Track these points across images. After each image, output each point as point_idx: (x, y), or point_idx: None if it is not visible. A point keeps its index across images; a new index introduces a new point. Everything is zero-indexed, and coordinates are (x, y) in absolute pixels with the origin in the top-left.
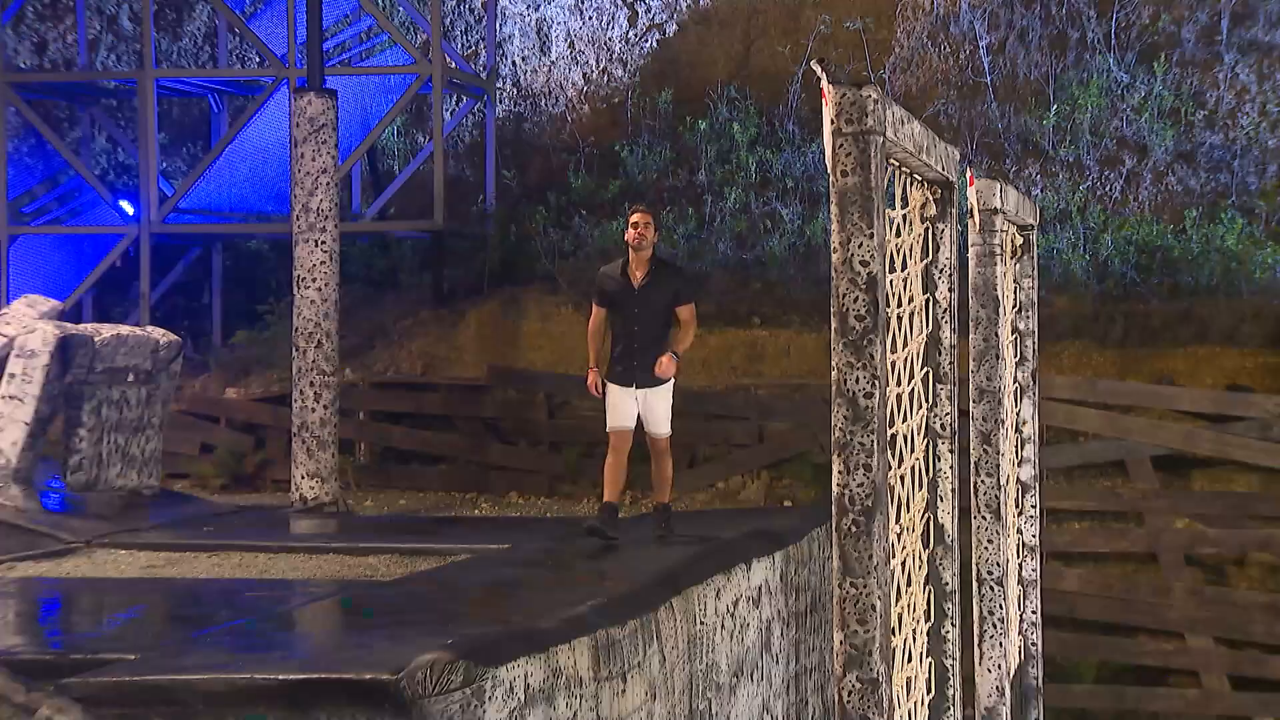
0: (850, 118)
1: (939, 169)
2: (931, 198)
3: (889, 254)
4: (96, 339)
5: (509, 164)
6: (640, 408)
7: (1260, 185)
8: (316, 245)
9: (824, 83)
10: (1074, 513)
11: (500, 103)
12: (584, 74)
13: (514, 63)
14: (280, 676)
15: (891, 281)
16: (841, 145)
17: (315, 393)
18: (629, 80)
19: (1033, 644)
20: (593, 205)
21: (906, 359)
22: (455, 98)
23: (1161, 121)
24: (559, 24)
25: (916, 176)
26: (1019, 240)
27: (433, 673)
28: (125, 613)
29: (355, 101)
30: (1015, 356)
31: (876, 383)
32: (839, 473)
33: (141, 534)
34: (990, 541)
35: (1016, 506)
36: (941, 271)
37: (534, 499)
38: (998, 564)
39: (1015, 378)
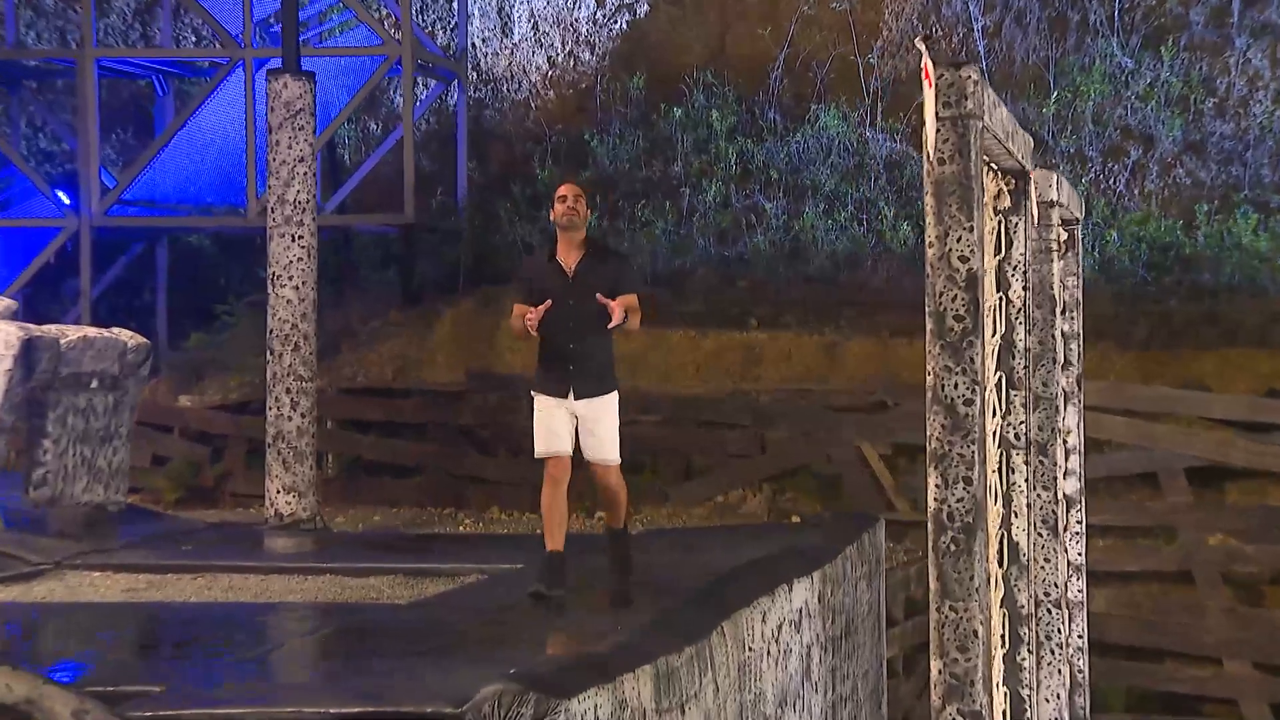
0: (948, 100)
1: (1018, 157)
2: (1005, 188)
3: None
4: (62, 341)
5: (468, 154)
6: (579, 427)
7: (1275, 178)
8: (294, 240)
9: (927, 63)
10: (1099, 528)
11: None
12: (549, 57)
13: (473, 44)
14: (332, 710)
15: None
16: (939, 130)
17: (292, 400)
18: (597, 64)
19: (1079, 670)
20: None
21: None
22: (423, 82)
23: (1169, 110)
24: (521, 3)
25: (992, 166)
26: (1063, 235)
27: (501, 705)
28: (124, 640)
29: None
30: (1060, 361)
31: (977, 388)
32: (936, 486)
33: (114, 554)
34: (1048, 560)
35: (1061, 522)
36: (1015, 269)
37: (518, 514)
38: (1055, 584)
39: (1059, 383)
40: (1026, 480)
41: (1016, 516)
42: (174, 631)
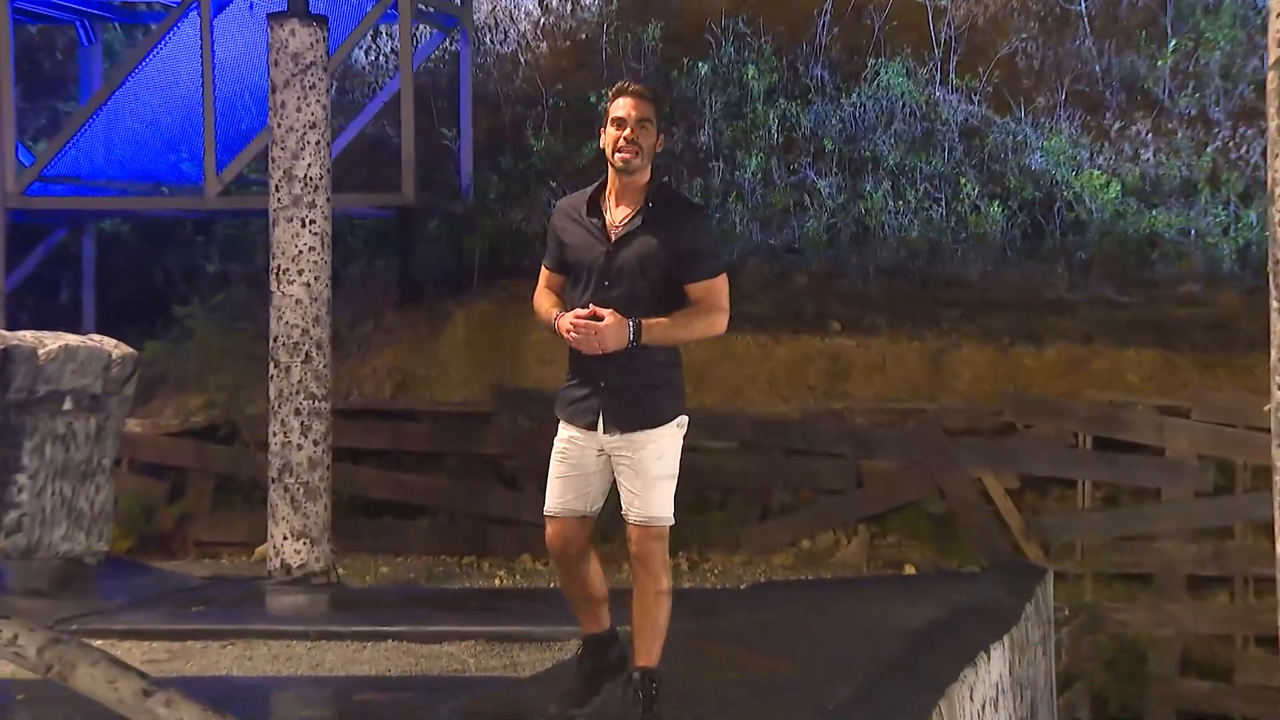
0: None
1: None
2: None
3: None
4: (40, 352)
5: (445, 119)
6: (615, 469)
7: None
8: (304, 225)
9: None
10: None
11: (451, 43)
12: (541, 1)
13: None
14: None
15: None
16: None
17: (302, 423)
18: (601, 9)
19: None
20: (563, 173)
21: None
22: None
23: None
24: None
25: None
26: None
27: None
28: None
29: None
30: None
31: None
32: None
33: (112, 617)
34: None
35: None
36: None
37: None
38: None
39: None
40: None
41: None
42: (247, 711)
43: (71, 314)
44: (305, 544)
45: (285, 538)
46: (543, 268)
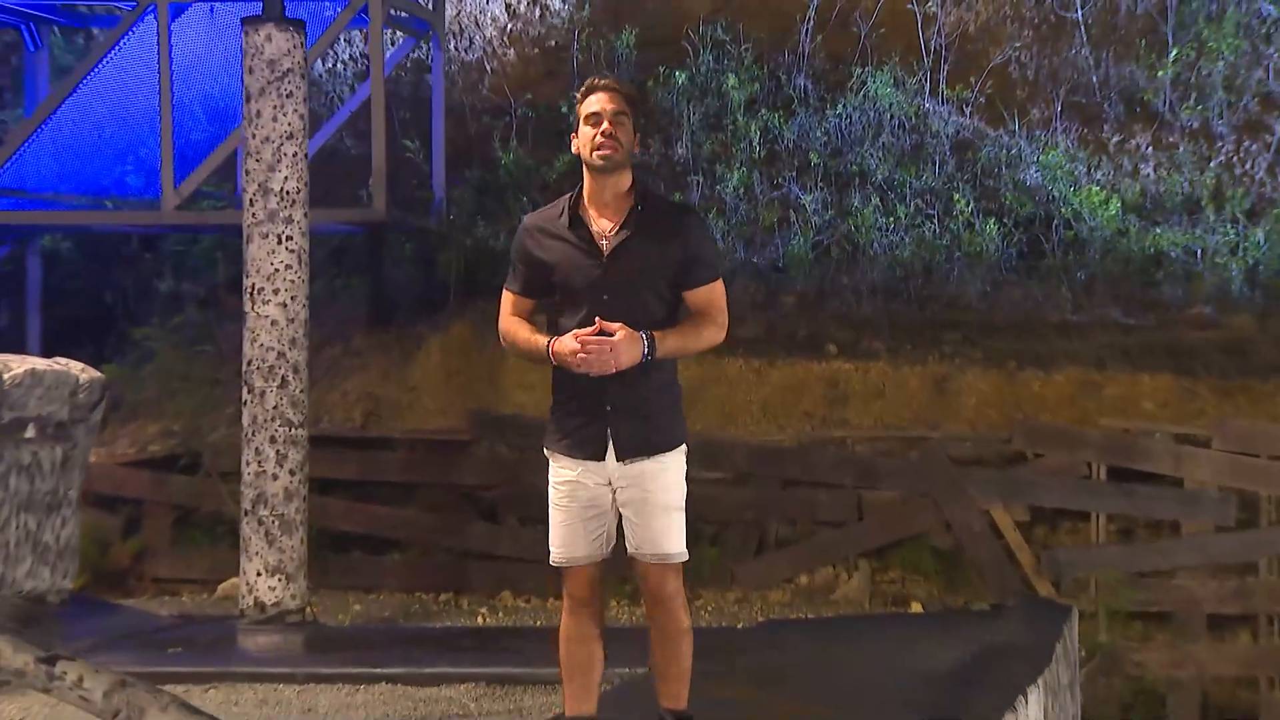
0: None
1: None
2: None
3: None
4: (5, 376)
5: (408, 130)
6: (621, 503)
7: None
8: (280, 242)
9: None
10: None
11: (419, 50)
12: (508, 5)
13: None
14: None
15: None
16: None
17: (278, 452)
18: (572, 15)
19: None
20: (534, 186)
21: None
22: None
23: None
24: None
25: None
26: None
27: None
28: None
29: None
30: None
31: None
32: None
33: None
34: None
35: None
36: None
37: (537, 601)
38: None
39: None
40: None
41: None
42: None
43: (14, 337)
44: (280, 580)
45: (259, 574)
46: (506, 293)
